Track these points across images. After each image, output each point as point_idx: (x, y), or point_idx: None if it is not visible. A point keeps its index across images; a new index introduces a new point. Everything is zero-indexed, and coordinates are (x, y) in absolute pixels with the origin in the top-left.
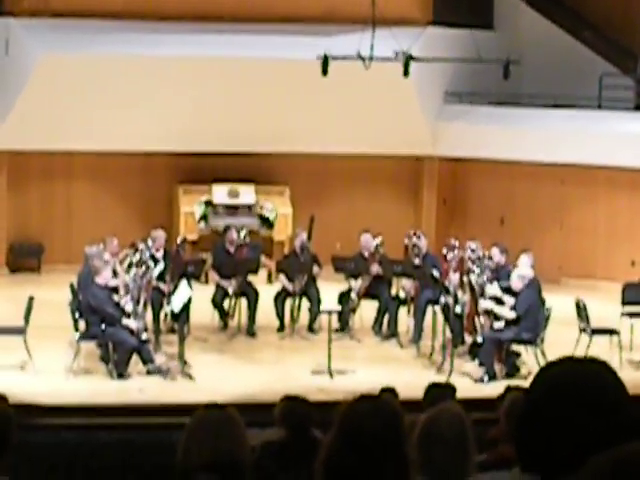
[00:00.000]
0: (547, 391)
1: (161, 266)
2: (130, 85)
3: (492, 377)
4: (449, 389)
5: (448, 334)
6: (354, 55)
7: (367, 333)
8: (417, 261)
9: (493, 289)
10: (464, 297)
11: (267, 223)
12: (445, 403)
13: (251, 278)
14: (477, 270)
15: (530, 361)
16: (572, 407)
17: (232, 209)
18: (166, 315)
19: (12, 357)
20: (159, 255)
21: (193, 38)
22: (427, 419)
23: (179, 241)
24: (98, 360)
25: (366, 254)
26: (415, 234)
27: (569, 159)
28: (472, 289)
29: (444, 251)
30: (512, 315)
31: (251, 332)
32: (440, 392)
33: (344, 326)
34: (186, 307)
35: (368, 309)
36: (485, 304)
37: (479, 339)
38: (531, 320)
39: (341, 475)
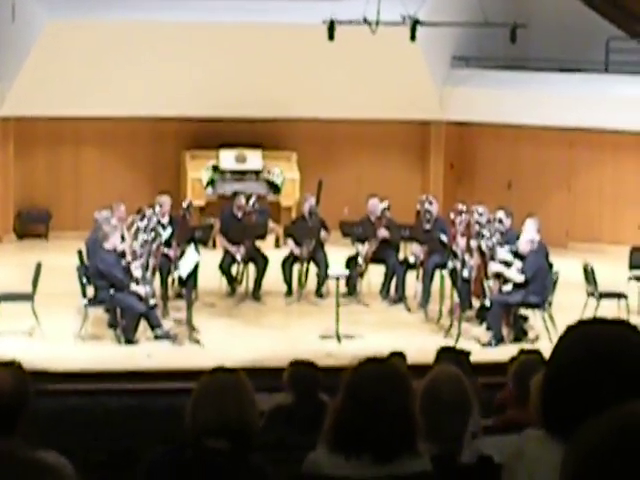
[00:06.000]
0: (573, 352)
1: (167, 232)
2: (136, 50)
3: (500, 341)
4: (461, 353)
5: (456, 298)
6: (360, 20)
7: (375, 298)
8: (428, 226)
9: (502, 253)
10: (471, 261)
11: (274, 188)
12: (442, 366)
13: (259, 243)
14: (487, 234)
15: (537, 325)
16: (598, 368)
17: (239, 174)
18: (174, 280)
19: (20, 323)
20: (165, 221)
21: (199, 3)
22: (426, 384)
23: (185, 205)
24: (106, 326)
25: (373, 219)
26: (427, 199)
27: (576, 123)
28: (482, 253)
29: (451, 215)
30: (521, 278)
31: (257, 296)
32: (451, 356)
33: (352, 291)
34: (194, 273)
35: (376, 274)
36: (495, 267)
37: (487, 302)
38: (539, 284)
39: (349, 438)
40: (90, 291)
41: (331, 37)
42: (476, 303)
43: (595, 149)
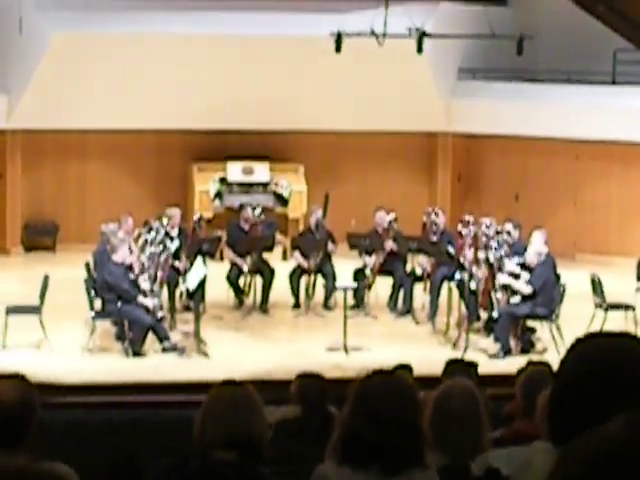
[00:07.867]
0: (581, 366)
1: (176, 244)
2: (144, 63)
3: (507, 353)
4: (469, 365)
5: (463, 310)
6: (367, 32)
7: (382, 310)
8: (434, 238)
9: (510, 265)
10: (479, 273)
11: (282, 200)
12: (455, 379)
13: (266, 255)
14: (494, 245)
15: (545, 337)
16: (606, 381)
17: (247, 187)
18: (181, 293)
19: (28, 336)
20: (174, 233)
21: (206, 16)
22: (438, 396)
23: (196, 219)
24: (114, 338)
25: (380, 231)
26: (434, 211)
27: (583, 135)
28: (490, 265)
29: (459, 227)
30: (529, 290)
31: (264, 309)
32: (460, 368)
33: (359, 303)
34: (201, 285)
35: (383, 286)
36: (502, 279)
37: (495, 314)
38: (546, 296)
39: (357, 450)
40: (98, 304)
41: (338, 49)
42: (484, 315)
43: (602, 161)
